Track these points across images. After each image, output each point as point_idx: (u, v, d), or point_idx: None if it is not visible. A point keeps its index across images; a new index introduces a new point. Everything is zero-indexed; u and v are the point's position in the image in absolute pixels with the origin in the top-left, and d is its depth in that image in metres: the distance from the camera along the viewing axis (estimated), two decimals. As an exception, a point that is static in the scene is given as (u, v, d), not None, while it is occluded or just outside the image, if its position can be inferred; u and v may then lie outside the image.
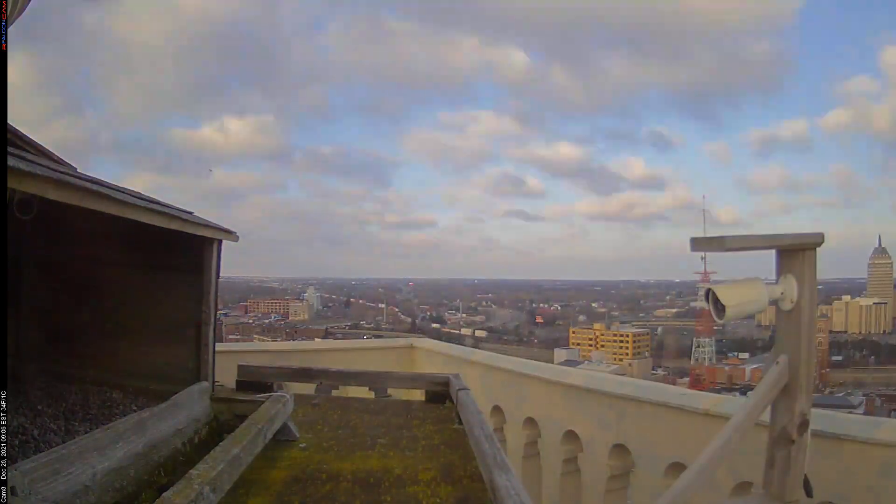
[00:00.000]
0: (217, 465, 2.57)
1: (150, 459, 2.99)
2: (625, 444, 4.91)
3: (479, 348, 10.96)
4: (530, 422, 5.87)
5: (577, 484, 5.34)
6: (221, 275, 4.08)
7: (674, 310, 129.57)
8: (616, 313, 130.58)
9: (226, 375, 4.57)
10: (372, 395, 6.20)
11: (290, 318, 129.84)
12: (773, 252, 2.85)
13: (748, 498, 3.78)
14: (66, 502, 2.30)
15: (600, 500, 5.05)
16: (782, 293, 2.76)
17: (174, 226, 3.31)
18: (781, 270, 2.80)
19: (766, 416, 2.82)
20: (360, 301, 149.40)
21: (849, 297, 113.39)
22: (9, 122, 2.21)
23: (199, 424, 3.65)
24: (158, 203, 3.38)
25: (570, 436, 5.40)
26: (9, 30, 2.09)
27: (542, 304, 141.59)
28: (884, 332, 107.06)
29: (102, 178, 3.20)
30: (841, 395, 76.35)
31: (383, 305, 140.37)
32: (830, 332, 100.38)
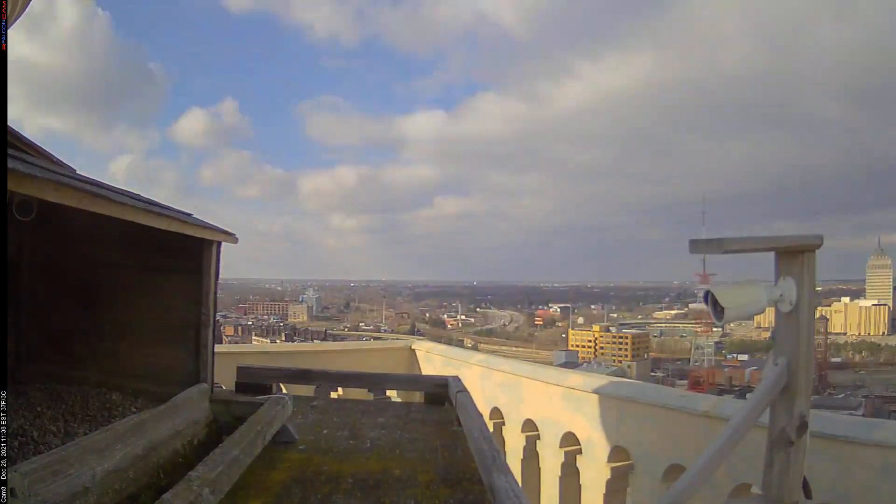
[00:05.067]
0: (216, 466, 2.56)
1: (149, 461, 2.98)
2: (624, 446, 4.91)
3: (478, 350, 10.96)
4: (529, 423, 5.87)
5: (576, 486, 5.34)
6: (220, 276, 4.08)
7: (673, 311, 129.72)
8: (615, 315, 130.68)
9: (225, 377, 4.56)
10: (371, 396, 6.21)
11: (288, 319, 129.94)
12: (772, 254, 2.85)
13: (747, 500, 3.78)
14: (66, 504, 2.30)
15: (599, 502, 5.05)
16: (781, 295, 2.76)
17: (173, 227, 3.31)
18: (780, 272, 2.81)
19: (765, 418, 2.83)
20: (360, 303, 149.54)
21: (847, 298, 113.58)
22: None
23: (198, 426, 3.64)
24: (158, 205, 3.38)
25: (570, 437, 5.40)
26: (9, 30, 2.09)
27: (541, 306, 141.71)
28: (882, 333, 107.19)
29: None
30: (840, 396, 76.36)
31: (382, 308, 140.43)
32: (830, 333, 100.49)
